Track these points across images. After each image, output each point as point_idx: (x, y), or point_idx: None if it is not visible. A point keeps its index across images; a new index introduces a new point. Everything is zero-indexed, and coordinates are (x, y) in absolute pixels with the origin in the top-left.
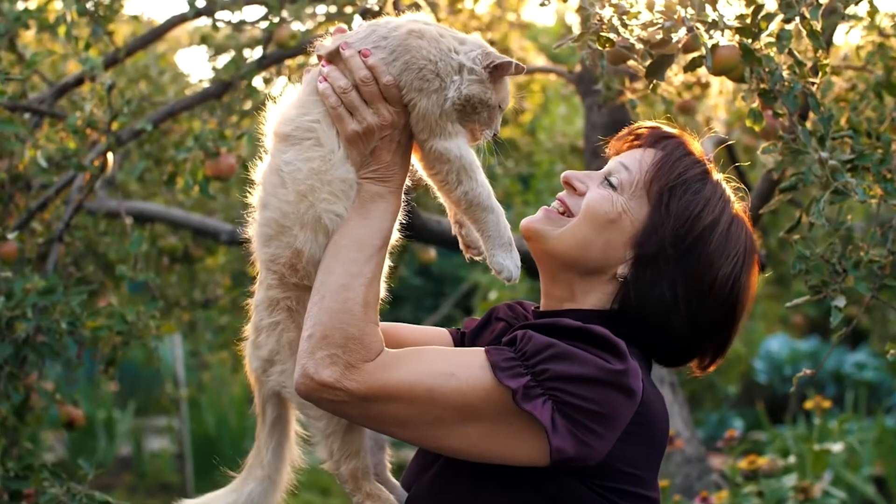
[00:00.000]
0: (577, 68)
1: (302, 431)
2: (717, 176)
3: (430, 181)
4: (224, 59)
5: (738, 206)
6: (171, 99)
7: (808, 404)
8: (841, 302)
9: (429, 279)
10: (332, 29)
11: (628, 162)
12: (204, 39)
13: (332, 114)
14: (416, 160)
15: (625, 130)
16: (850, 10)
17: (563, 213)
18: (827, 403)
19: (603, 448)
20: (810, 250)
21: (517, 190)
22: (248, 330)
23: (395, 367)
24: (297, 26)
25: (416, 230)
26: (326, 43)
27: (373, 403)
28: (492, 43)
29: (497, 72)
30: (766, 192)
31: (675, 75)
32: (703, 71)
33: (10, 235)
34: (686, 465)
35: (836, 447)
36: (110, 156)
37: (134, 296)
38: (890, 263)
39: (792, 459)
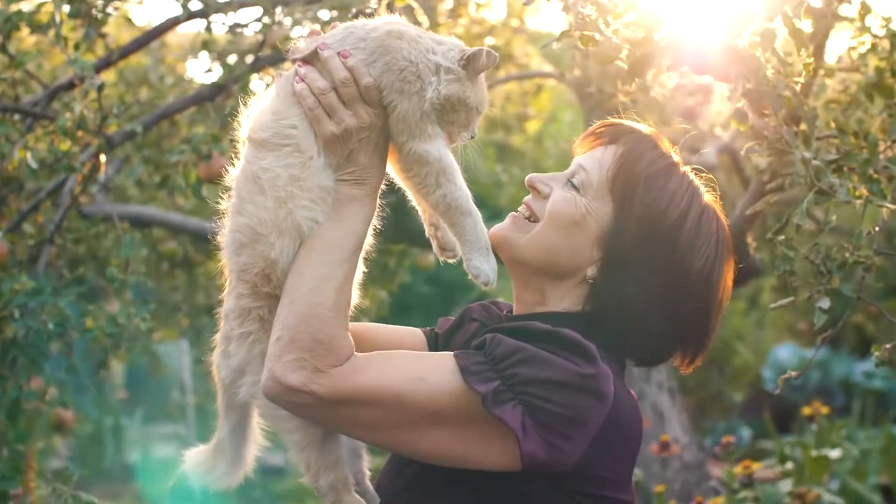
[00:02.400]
0: (577, 72)
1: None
2: (684, 168)
3: (405, 184)
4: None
5: (709, 197)
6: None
7: (807, 411)
8: (825, 303)
9: (438, 287)
10: (305, 32)
11: (586, 162)
12: (205, 45)
13: (310, 115)
14: (390, 165)
15: (588, 130)
16: (842, 10)
17: (528, 218)
18: (826, 410)
19: (575, 452)
20: (794, 251)
21: (523, 196)
22: (218, 339)
23: (364, 371)
24: (298, 31)
25: (413, 235)
26: (301, 45)
27: (341, 407)
28: (495, 48)
29: (470, 64)
30: (759, 195)
31: (669, 77)
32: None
33: None
34: (684, 472)
35: (834, 453)
36: (103, 158)
37: (139, 301)
38: (875, 265)
39: (790, 466)
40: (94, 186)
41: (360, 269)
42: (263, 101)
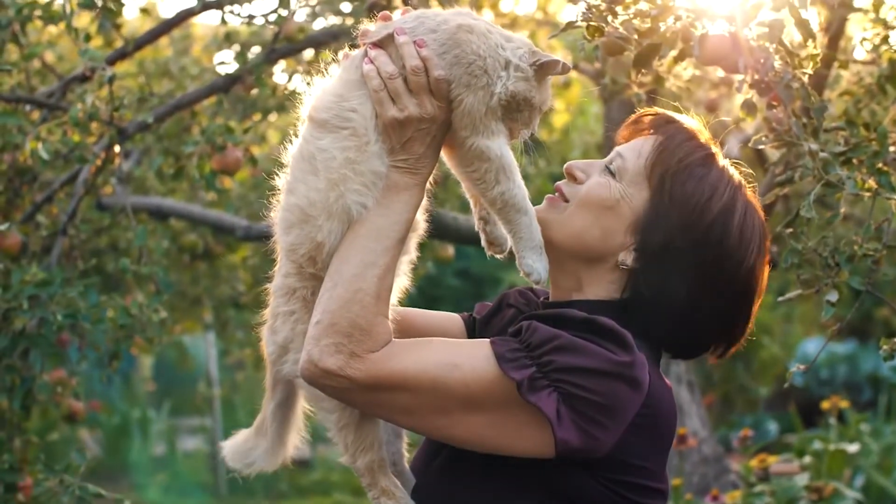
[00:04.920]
0: (597, 64)
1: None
2: (724, 161)
3: (462, 178)
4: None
5: (749, 192)
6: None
7: (826, 405)
8: (833, 297)
9: (467, 280)
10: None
11: (625, 150)
12: (228, 37)
13: (374, 97)
14: (445, 156)
15: (630, 118)
16: (856, 2)
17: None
18: (845, 404)
19: (609, 440)
20: (802, 244)
21: (550, 190)
22: (266, 314)
23: (400, 357)
24: (320, 23)
25: (431, 227)
26: (372, 28)
27: (376, 392)
28: None
29: (542, 70)
30: (772, 187)
31: (685, 69)
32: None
33: (3, 227)
34: (703, 465)
35: (853, 448)
36: (117, 149)
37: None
38: (884, 258)
39: (808, 460)
40: (113, 178)
41: (413, 252)
42: (328, 81)
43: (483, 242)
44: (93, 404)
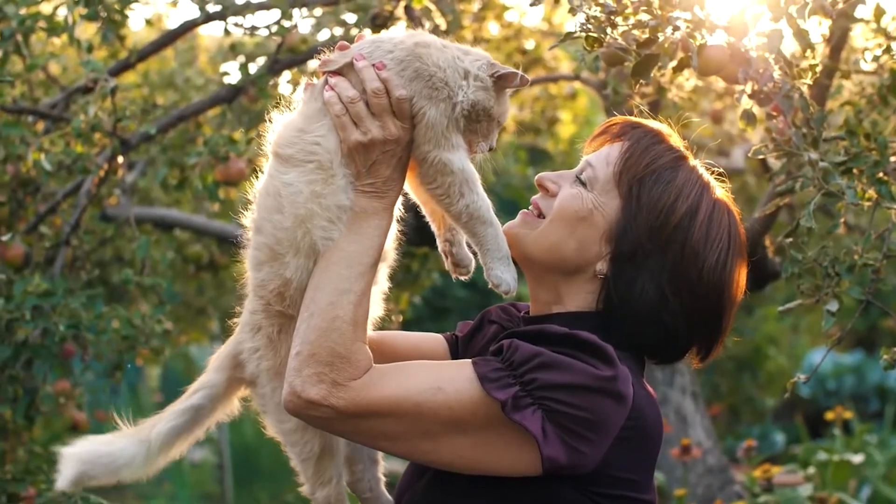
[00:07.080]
0: (602, 75)
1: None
2: (694, 162)
3: (426, 196)
4: (252, 67)
5: (720, 192)
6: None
7: (830, 416)
8: (833, 306)
9: (474, 291)
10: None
11: (594, 159)
12: (234, 48)
13: (336, 122)
14: (408, 182)
15: (598, 128)
16: (858, 13)
17: (538, 216)
18: (849, 414)
19: (595, 455)
20: (803, 254)
21: None
22: (231, 342)
23: (382, 383)
24: (325, 34)
25: (434, 238)
26: (333, 56)
27: (360, 420)
28: (523, 52)
29: (501, 81)
30: (774, 197)
31: (687, 80)
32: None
33: (6, 237)
34: (708, 476)
35: (857, 458)
36: (121, 159)
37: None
38: (884, 267)
39: (812, 470)
40: (117, 189)
41: (384, 283)
42: (288, 115)
43: (448, 265)
44: (99, 415)
